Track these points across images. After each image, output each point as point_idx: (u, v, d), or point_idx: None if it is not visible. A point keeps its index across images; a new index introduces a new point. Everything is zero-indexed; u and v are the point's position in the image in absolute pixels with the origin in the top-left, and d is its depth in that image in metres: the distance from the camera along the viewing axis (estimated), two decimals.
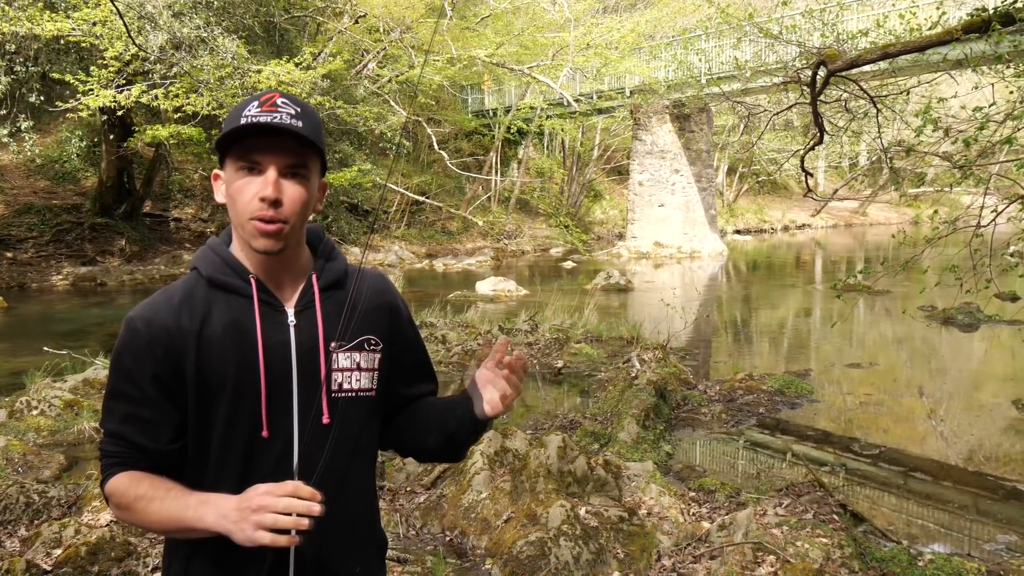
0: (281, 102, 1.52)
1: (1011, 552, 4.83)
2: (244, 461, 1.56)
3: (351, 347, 1.64)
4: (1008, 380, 9.46)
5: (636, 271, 21.83)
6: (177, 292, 1.59)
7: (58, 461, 6.15)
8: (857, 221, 42.34)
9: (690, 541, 4.47)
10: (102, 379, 8.27)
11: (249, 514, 1.40)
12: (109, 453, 1.56)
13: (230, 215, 1.58)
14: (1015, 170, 5.94)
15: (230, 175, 1.54)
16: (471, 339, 10.41)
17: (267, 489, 1.41)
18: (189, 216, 22.47)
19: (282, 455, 1.56)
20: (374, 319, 1.69)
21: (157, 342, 1.53)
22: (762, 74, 19.35)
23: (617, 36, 23.64)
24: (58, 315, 14.39)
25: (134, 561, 3.95)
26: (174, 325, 1.54)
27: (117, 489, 1.54)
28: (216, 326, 1.55)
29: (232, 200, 1.54)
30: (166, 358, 1.53)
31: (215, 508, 1.45)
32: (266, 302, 1.59)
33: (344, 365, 1.63)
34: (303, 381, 1.58)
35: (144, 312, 1.57)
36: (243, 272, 1.59)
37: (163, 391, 1.54)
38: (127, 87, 15.71)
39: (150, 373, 1.53)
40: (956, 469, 6.52)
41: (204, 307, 1.57)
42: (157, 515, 1.50)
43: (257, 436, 1.55)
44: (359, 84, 21.89)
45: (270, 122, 1.48)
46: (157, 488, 1.51)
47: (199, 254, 1.64)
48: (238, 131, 1.50)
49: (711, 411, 7.73)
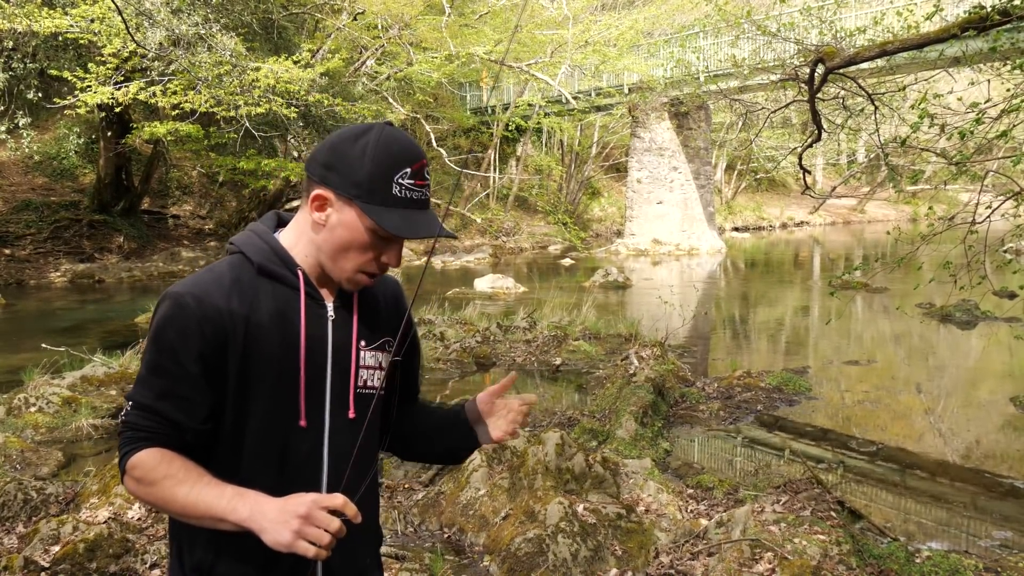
0: (427, 172, 1.59)
1: (1007, 548, 4.84)
2: (281, 449, 1.58)
3: (375, 347, 1.71)
4: (1005, 377, 9.48)
5: (634, 268, 21.83)
6: (225, 274, 1.58)
7: (56, 458, 6.15)
8: (855, 218, 42.36)
9: (688, 538, 4.48)
10: (100, 376, 8.27)
11: (292, 518, 1.40)
12: (138, 426, 1.52)
13: (329, 246, 1.59)
14: (1012, 166, 5.95)
15: (356, 216, 1.55)
16: (469, 336, 10.41)
17: (315, 500, 1.42)
18: (187, 213, 22.46)
19: (314, 446, 1.61)
20: (393, 323, 1.75)
21: (208, 320, 1.51)
22: (760, 72, 19.30)
23: (615, 33, 23.63)
24: (56, 312, 14.38)
25: (132, 558, 3.95)
26: (225, 306, 1.53)
27: (144, 463, 1.50)
28: (263, 313, 1.56)
29: (349, 247, 1.57)
30: (215, 338, 1.52)
31: (253, 504, 1.45)
32: (310, 295, 1.61)
33: (370, 363, 1.69)
34: (335, 375, 1.63)
35: (194, 289, 1.54)
36: (291, 264, 1.61)
37: (205, 371, 1.52)
38: (125, 84, 15.67)
39: (196, 351, 1.51)
40: (953, 466, 6.53)
41: (252, 293, 1.57)
42: (184, 499, 1.47)
43: (295, 425, 1.58)
44: (357, 81, 21.86)
45: (425, 207, 1.58)
46: (190, 471, 1.50)
47: (245, 239, 1.64)
48: (400, 201, 1.55)
49: (709, 408, 7.74)
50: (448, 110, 28.59)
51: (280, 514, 1.41)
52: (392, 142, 1.54)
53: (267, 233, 1.64)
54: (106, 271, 18.55)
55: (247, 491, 1.47)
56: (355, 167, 1.53)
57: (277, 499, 1.45)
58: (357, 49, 22.32)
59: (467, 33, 23.16)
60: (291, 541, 1.39)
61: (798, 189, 38.50)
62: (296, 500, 1.43)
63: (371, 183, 1.52)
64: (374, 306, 1.73)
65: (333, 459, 1.61)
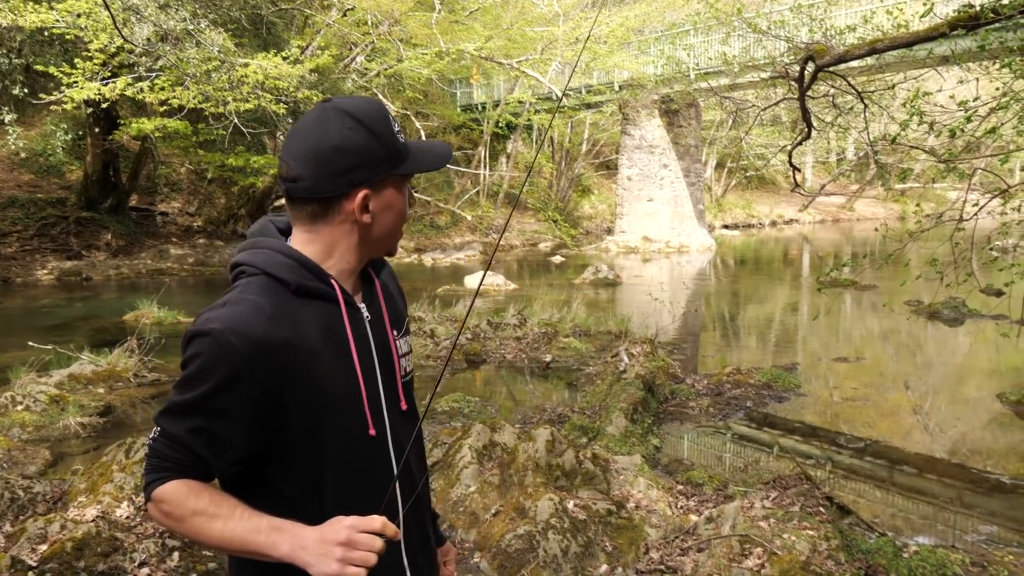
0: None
1: (993, 543, 4.87)
2: (360, 466, 1.55)
3: (404, 332, 1.72)
4: (992, 374, 9.53)
5: (624, 265, 21.86)
6: (262, 302, 1.47)
7: (43, 456, 6.12)
8: (844, 216, 42.51)
9: (678, 534, 4.48)
10: (88, 374, 8.24)
11: (335, 547, 1.37)
12: (164, 456, 1.46)
13: (385, 229, 1.58)
14: (999, 164, 5.98)
15: (394, 194, 1.57)
16: (460, 334, 10.41)
17: (353, 523, 1.39)
18: (176, 210, 22.36)
19: (383, 449, 1.59)
20: (403, 303, 1.79)
21: (256, 361, 1.41)
22: (750, 69, 19.38)
23: (606, 31, 23.63)
24: (43, 309, 14.29)
25: (120, 556, 3.93)
26: (274, 339, 1.44)
27: (171, 497, 1.44)
28: (313, 336, 1.49)
29: (399, 215, 1.59)
30: (267, 378, 1.43)
31: (291, 537, 1.40)
32: (348, 303, 1.57)
33: (404, 350, 1.70)
34: (384, 373, 1.62)
35: (235, 325, 1.42)
36: (325, 277, 1.54)
37: (255, 414, 1.44)
38: (112, 79, 15.58)
39: (246, 394, 1.42)
40: (941, 462, 6.57)
41: (294, 317, 1.49)
42: (220, 534, 1.42)
43: (366, 436, 1.55)
44: (347, 78, 21.79)
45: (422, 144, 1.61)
46: (220, 506, 1.43)
47: (264, 258, 1.53)
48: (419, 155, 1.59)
49: (699, 405, 7.75)
50: (438, 107, 28.55)
51: (321, 545, 1.38)
52: (369, 110, 1.54)
53: (287, 248, 1.55)
54: (94, 268, 18.45)
55: (283, 523, 1.42)
56: (373, 149, 1.51)
57: (314, 529, 1.40)
58: (347, 45, 22.25)
59: (457, 29, 23.11)
60: (339, 570, 1.35)
61: (788, 187, 38.62)
62: (334, 528, 1.39)
63: (389, 150, 1.54)
64: (390, 293, 1.72)
65: (400, 457, 1.60)
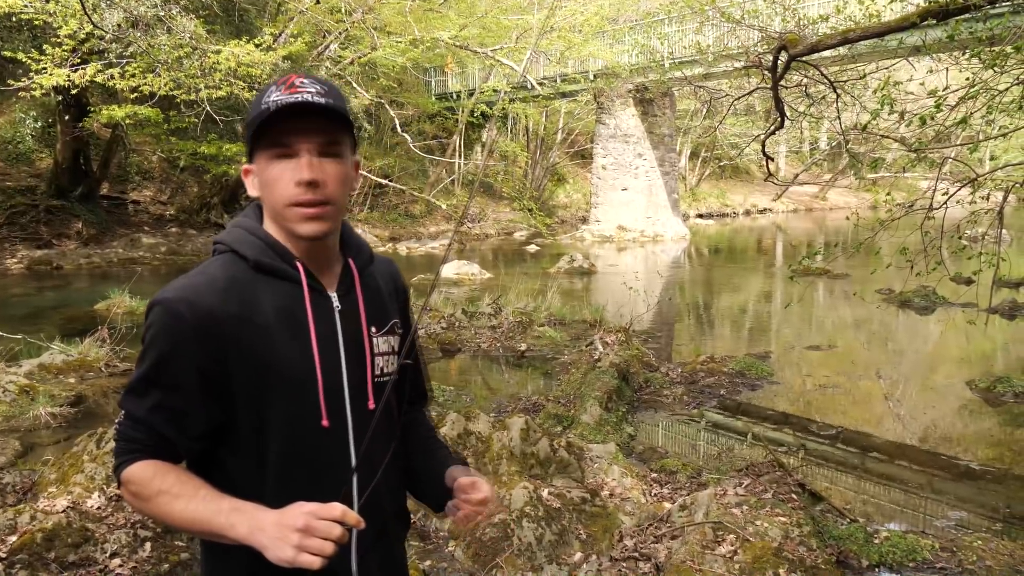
0: (300, 82, 1.47)
1: (962, 528, 4.95)
2: (308, 454, 1.52)
3: (386, 331, 1.65)
4: (962, 362, 9.66)
5: (599, 255, 21.90)
6: (219, 275, 1.49)
7: (13, 447, 6.05)
8: (817, 205, 42.83)
9: (652, 521, 4.51)
10: (59, 364, 8.14)
11: (290, 533, 1.34)
12: (130, 438, 1.47)
13: (267, 206, 1.54)
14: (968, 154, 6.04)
15: (262, 165, 1.49)
16: (434, 322, 10.39)
17: (312, 510, 1.35)
18: (148, 199, 22.10)
19: (340, 443, 1.56)
20: (396, 304, 1.72)
21: (203, 330, 1.43)
22: (724, 59, 19.43)
23: (581, 19, 23.60)
24: (12, 299, 14.10)
25: (91, 547, 3.90)
26: (222, 311, 1.45)
27: (138, 478, 1.45)
28: (267, 313, 1.49)
29: (269, 189, 1.49)
30: (215, 348, 1.44)
31: (249, 519, 1.38)
32: (313, 287, 1.55)
33: (383, 349, 1.64)
34: (351, 367, 1.57)
35: (186, 294, 1.45)
36: (288, 256, 1.53)
37: (203, 383, 1.45)
38: (82, 66, 15.35)
39: (193, 363, 1.44)
40: (911, 449, 6.65)
41: (251, 292, 1.49)
42: (181, 514, 1.42)
43: (318, 426, 1.52)
44: (321, 66, 21.62)
45: (297, 101, 1.43)
46: (184, 485, 1.44)
47: (233, 235, 1.56)
48: (266, 118, 1.44)
49: (673, 393, 7.80)
50: (413, 95, 28.40)
51: (278, 529, 1.35)
52: (267, 85, 1.51)
53: (256, 227, 1.56)
54: (64, 257, 18.21)
55: (244, 505, 1.41)
56: (247, 123, 1.50)
57: (274, 512, 1.38)
58: (320, 33, 22.06)
59: (432, 18, 22.98)
60: (293, 556, 1.33)
61: (761, 176, 38.77)
62: (293, 513, 1.36)
63: (251, 121, 1.48)
64: (376, 289, 1.67)
65: (360, 454, 1.56)
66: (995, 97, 6.43)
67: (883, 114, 6.48)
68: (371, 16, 21.19)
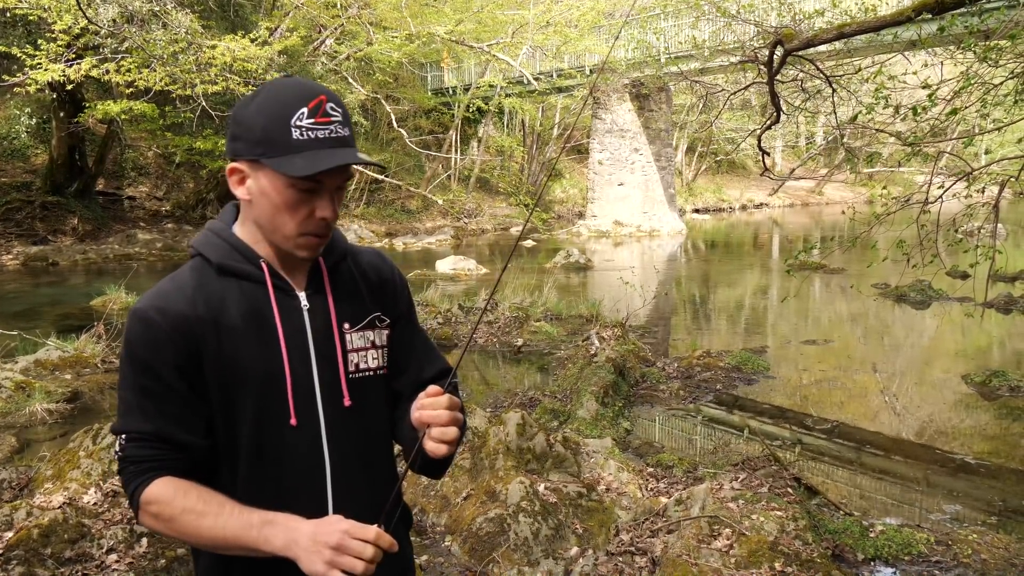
0: (331, 108, 1.45)
1: (958, 522, 4.96)
2: (278, 453, 1.52)
3: (363, 326, 1.63)
4: (958, 356, 9.68)
5: (596, 250, 21.91)
6: (187, 280, 1.51)
7: (9, 443, 6.06)
8: (813, 200, 42.88)
9: (648, 516, 4.52)
10: (55, 360, 8.13)
11: (324, 549, 1.36)
12: (139, 459, 1.46)
13: (258, 216, 1.51)
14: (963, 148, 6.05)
15: (273, 183, 1.46)
16: (431, 318, 10.39)
17: (348, 528, 1.38)
18: (143, 194, 22.07)
19: (312, 443, 1.55)
20: (379, 296, 1.68)
21: (177, 332, 1.45)
22: (720, 53, 19.45)
23: (577, 14, 23.57)
24: (8, 295, 14.07)
25: (88, 543, 3.90)
26: (192, 314, 1.46)
27: (158, 497, 1.44)
28: (234, 315, 1.50)
29: (278, 211, 1.47)
30: (187, 348, 1.46)
31: (284, 531, 1.40)
32: (279, 287, 1.55)
33: (359, 345, 1.62)
34: (322, 365, 1.56)
35: (156, 302, 1.47)
36: (253, 257, 1.54)
37: (187, 383, 1.47)
38: (77, 61, 15.31)
39: (172, 364, 1.45)
40: (907, 443, 6.67)
41: (218, 295, 1.50)
42: (210, 532, 1.42)
43: (286, 425, 1.52)
44: (316, 61, 21.59)
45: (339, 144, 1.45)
46: (209, 502, 1.43)
47: (201, 239, 1.57)
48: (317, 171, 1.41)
49: (669, 388, 7.81)
50: (409, 91, 28.37)
51: (312, 543, 1.37)
52: (280, 89, 1.46)
53: (224, 229, 1.57)
54: (60, 253, 18.18)
55: (275, 516, 1.42)
56: (252, 127, 1.45)
57: (309, 524, 1.40)
58: (316, 28, 22.04)
59: (428, 13, 22.95)
60: (324, 572, 1.35)
61: (757, 171, 38.86)
62: (328, 528, 1.38)
63: (268, 136, 1.43)
64: (351, 285, 1.64)
65: (335, 453, 1.56)
66: (989, 91, 6.44)
67: (878, 108, 6.48)
68: (367, 11, 21.17)
